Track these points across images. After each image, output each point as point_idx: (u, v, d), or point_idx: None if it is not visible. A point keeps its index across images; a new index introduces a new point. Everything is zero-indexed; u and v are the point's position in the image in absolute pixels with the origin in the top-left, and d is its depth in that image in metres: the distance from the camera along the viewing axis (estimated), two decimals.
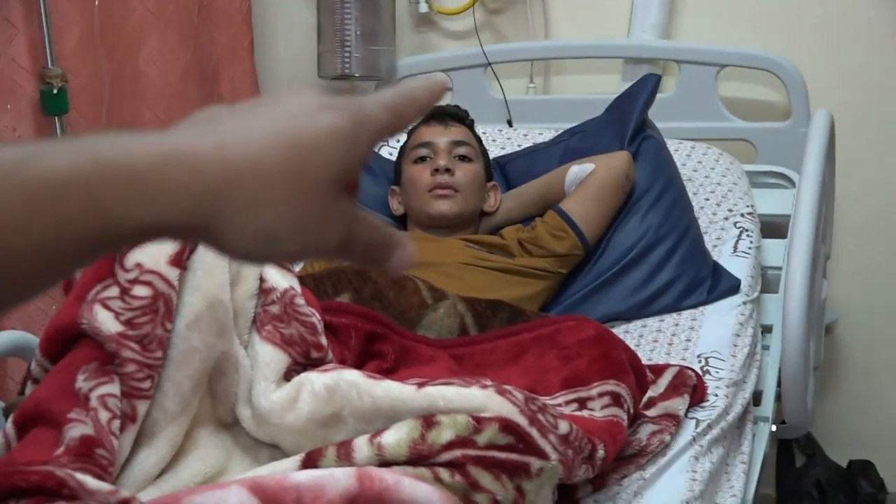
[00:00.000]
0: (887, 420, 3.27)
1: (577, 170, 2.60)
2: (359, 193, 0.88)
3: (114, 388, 1.64)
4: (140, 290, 1.67)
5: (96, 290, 1.68)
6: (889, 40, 3.05)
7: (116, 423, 1.62)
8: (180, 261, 1.71)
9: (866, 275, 3.22)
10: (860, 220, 3.17)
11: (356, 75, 3.25)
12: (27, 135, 2.57)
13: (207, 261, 1.74)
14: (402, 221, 2.71)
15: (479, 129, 2.81)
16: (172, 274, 1.69)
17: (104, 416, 1.61)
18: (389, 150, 2.98)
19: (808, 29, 3.10)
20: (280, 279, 1.85)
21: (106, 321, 1.65)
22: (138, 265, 1.68)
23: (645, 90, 2.76)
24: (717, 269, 2.56)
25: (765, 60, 3.00)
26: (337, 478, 1.44)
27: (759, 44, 3.07)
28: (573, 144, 2.80)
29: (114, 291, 1.68)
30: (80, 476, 1.42)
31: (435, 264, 2.38)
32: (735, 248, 2.64)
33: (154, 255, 1.69)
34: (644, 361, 2.12)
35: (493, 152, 2.93)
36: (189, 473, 1.69)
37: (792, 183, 2.91)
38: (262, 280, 1.83)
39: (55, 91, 2.58)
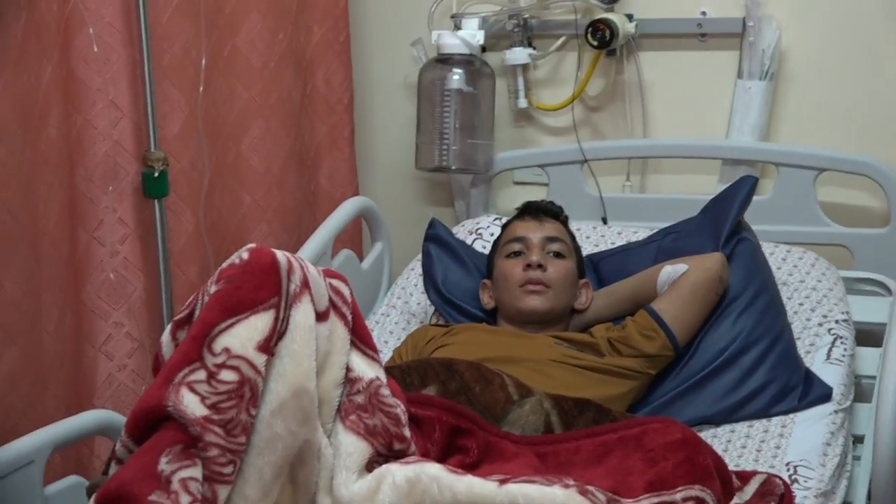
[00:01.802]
0: None
1: (670, 270, 2.59)
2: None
3: (196, 471, 1.65)
4: (227, 375, 1.69)
5: (184, 372, 1.70)
6: None
7: None
8: (268, 347, 1.72)
9: None
10: None
11: (453, 168, 3.28)
12: (127, 215, 2.62)
13: (295, 348, 1.75)
14: (492, 315, 2.71)
15: (573, 226, 2.81)
16: (259, 360, 1.70)
17: (185, 499, 1.62)
18: (483, 244, 2.99)
19: None
20: (366, 369, 1.86)
21: (191, 404, 1.67)
22: (226, 349, 1.70)
23: (742, 192, 2.75)
24: (810, 376, 2.52)
25: (864, 165, 2.98)
26: None
27: (858, 148, 3.05)
28: (667, 244, 2.79)
29: (201, 375, 1.69)
30: None
31: (524, 360, 2.38)
32: (828, 354, 2.60)
33: (242, 340, 1.71)
34: (731, 467, 2.08)
35: (587, 249, 2.93)
36: None
37: (889, 291, 2.88)
38: (348, 369, 1.84)
39: (156, 174, 2.63)
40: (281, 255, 1.79)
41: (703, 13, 3.18)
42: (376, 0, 3.50)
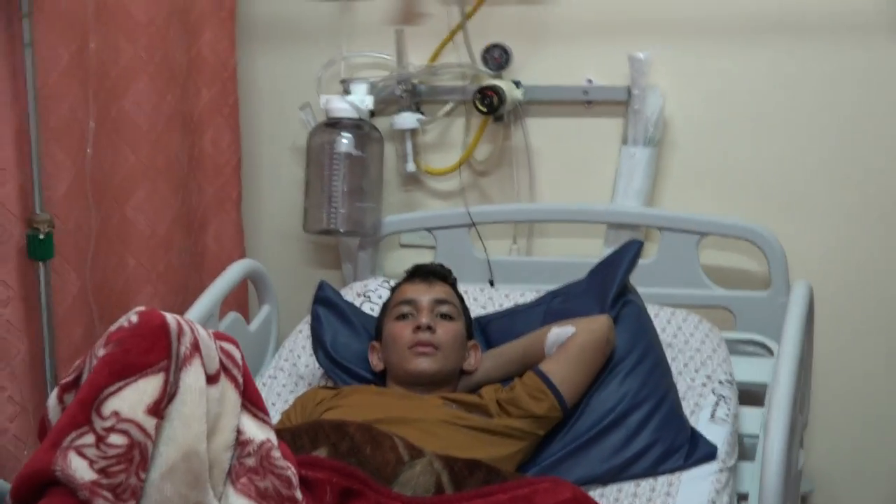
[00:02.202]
0: None
1: (557, 332, 2.61)
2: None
3: None
4: (116, 439, 1.66)
5: (71, 437, 1.67)
6: (866, 213, 3.09)
7: None
8: (158, 410, 1.70)
9: (842, 446, 3.22)
10: (837, 391, 3.18)
11: (341, 231, 3.28)
12: (10, 277, 2.58)
13: (185, 411, 1.73)
14: (381, 377, 2.71)
15: (461, 288, 2.83)
16: (149, 423, 1.69)
17: None
18: (371, 306, 3.00)
19: (790, 199, 3.14)
20: (257, 431, 1.85)
21: (80, 468, 1.64)
22: (115, 413, 1.68)
23: (627, 256, 2.79)
24: (695, 436, 2.55)
25: (746, 230, 3.04)
26: None
27: (740, 214, 3.11)
28: (555, 307, 2.81)
29: (89, 439, 1.67)
30: None
31: (413, 421, 2.38)
32: (713, 414, 2.64)
33: (132, 403, 1.69)
34: None
35: (475, 311, 2.94)
36: None
37: (770, 351, 2.93)
38: (239, 432, 1.83)
39: (41, 237, 2.60)
40: (171, 318, 1.78)
41: (589, 81, 3.24)
42: (265, 64, 3.51)
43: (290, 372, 2.94)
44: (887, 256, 3.11)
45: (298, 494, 1.83)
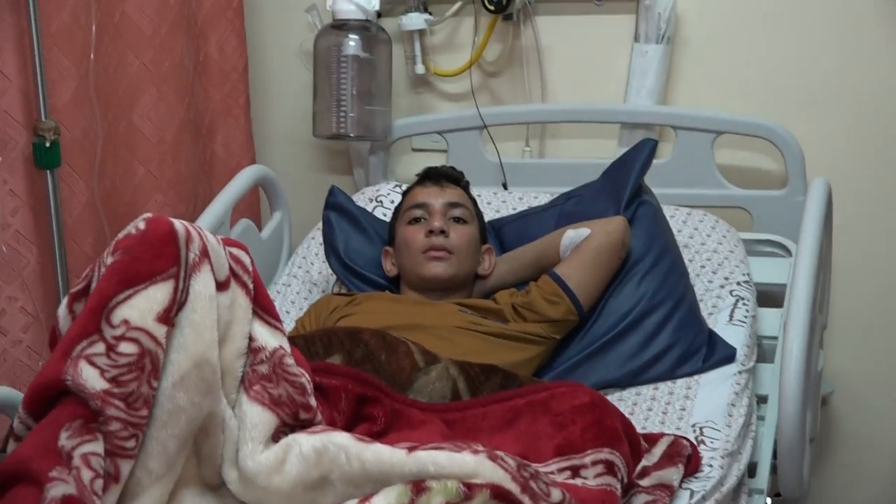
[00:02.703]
0: (883, 493, 3.23)
1: (572, 234, 2.58)
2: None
3: (97, 446, 1.61)
4: (126, 347, 1.64)
5: (82, 346, 1.65)
6: (887, 107, 3.04)
7: (99, 483, 1.60)
8: (168, 318, 1.67)
9: (862, 346, 3.19)
10: (857, 291, 3.15)
11: (351, 135, 3.24)
12: (18, 187, 2.56)
13: (195, 319, 1.71)
14: (395, 282, 2.69)
15: (474, 192, 2.80)
16: (159, 331, 1.66)
17: (87, 475, 1.58)
18: (384, 211, 2.96)
19: (805, 96, 3.09)
20: (270, 338, 1.82)
21: (91, 378, 1.62)
22: (125, 321, 1.65)
23: (641, 155, 2.75)
24: (713, 338, 2.53)
25: (761, 128, 2.99)
26: None
27: (756, 111, 3.06)
28: (569, 209, 2.78)
29: (100, 348, 1.65)
30: None
31: (428, 327, 2.36)
32: (731, 316, 2.62)
33: (141, 311, 1.66)
34: (638, 430, 2.08)
35: (489, 215, 2.91)
36: None
37: (788, 252, 2.90)
38: (251, 339, 1.81)
39: (48, 144, 2.57)
40: (179, 224, 1.75)
41: None
42: None
43: (304, 279, 2.92)
44: None
45: (313, 401, 1.80)
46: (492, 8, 3.09)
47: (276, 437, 1.76)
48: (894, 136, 3.06)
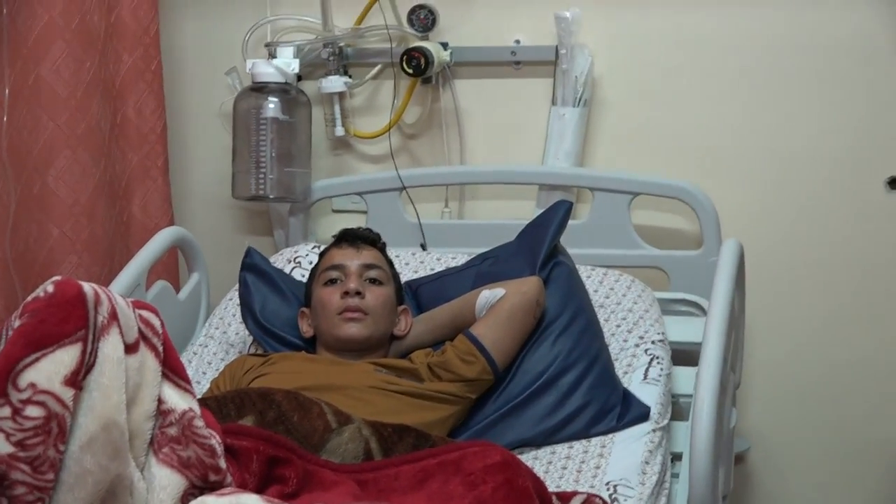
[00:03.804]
0: None
1: (487, 294, 2.60)
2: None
3: None
4: (33, 411, 1.62)
5: None
6: (800, 169, 3.09)
7: None
8: (76, 381, 1.66)
9: (779, 404, 3.23)
10: (772, 350, 3.19)
11: (271, 196, 3.24)
12: None
13: (104, 381, 1.69)
14: (311, 343, 2.69)
15: (392, 253, 2.81)
16: (67, 394, 1.64)
17: None
18: (302, 272, 2.96)
19: (719, 158, 3.14)
20: (179, 400, 1.81)
21: None
22: (32, 385, 1.63)
23: (556, 217, 2.77)
24: (628, 396, 2.55)
25: (677, 189, 3.04)
26: None
27: (672, 173, 3.10)
28: (485, 269, 2.80)
29: (6, 412, 1.62)
30: None
31: (343, 387, 2.36)
32: (646, 375, 2.64)
33: (49, 374, 1.64)
34: (552, 488, 2.09)
35: (406, 276, 2.92)
36: None
37: (703, 311, 2.93)
38: (160, 401, 1.79)
39: None
40: (87, 287, 1.74)
41: (517, 41, 3.21)
42: (189, 28, 3.45)
43: (221, 340, 2.91)
44: (818, 214, 3.12)
45: (222, 463, 1.79)
46: (410, 71, 3.12)
47: (184, 499, 1.75)
48: (807, 197, 3.12)
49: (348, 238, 2.71)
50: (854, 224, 3.11)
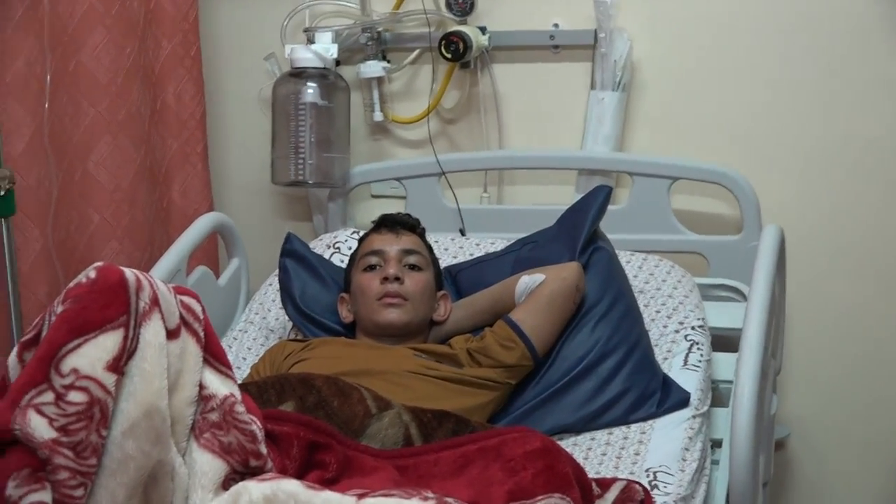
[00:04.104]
0: None
1: (527, 280, 2.59)
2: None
3: (45, 495, 1.60)
4: (75, 396, 1.63)
5: (31, 395, 1.64)
6: (840, 153, 3.07)
7: None
8: (118, 367, 1.67)
9: (818, 390, 3.21)
10: (812, 336, 3.17)
11: (310, 182, 3.25)
12: None
13: (146, 367, 1.70)
14: (351, 329, 2.69)
15: (431, 238, 2.81)
16: (109, 380, 1.65)
17: None
18: (341, 257, 2.97)
19: (760, 142, 3.12)
20: (220, 386, 1.82)
21: (39, 427, 1.61)
22: (74, 370, 1.65)
23: (596, 202, 2.77)
24: (667, 383, 2.54)
25: (717, 174, 3.02)
26: None
27: (712, 157, 3.09)
28: (524, 254, 2.79)
29: (48, 397, 1.64)
30: None
31: (382, 373, 2.36)
32: (685, 361, 2.63)
33: (91, 360, 1.66)
34: (591, 475, 2.09)
35: (445, 261, 2.92)
36: None
37: (743, 296, 2.92)
38: (201, 387, 1.80)
39: (2, 193, 2.56)
40: (129, 273, 1.75)
41: (556, 25, 3.20)
42: (227, 14, 3.46)
43: (261, 325, 2.92)
44: (858, 199, 3.10)
45: (263, 448, 1.80)
46: (449, 56, 3.11)
47: (226, 484, 1.76)
48: (847, 181, 3.09)
49: (388, 223, 2.71)
50: (895, 208, 3.08)
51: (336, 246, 3.07)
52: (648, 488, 2.15)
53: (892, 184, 3.07)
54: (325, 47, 3.20)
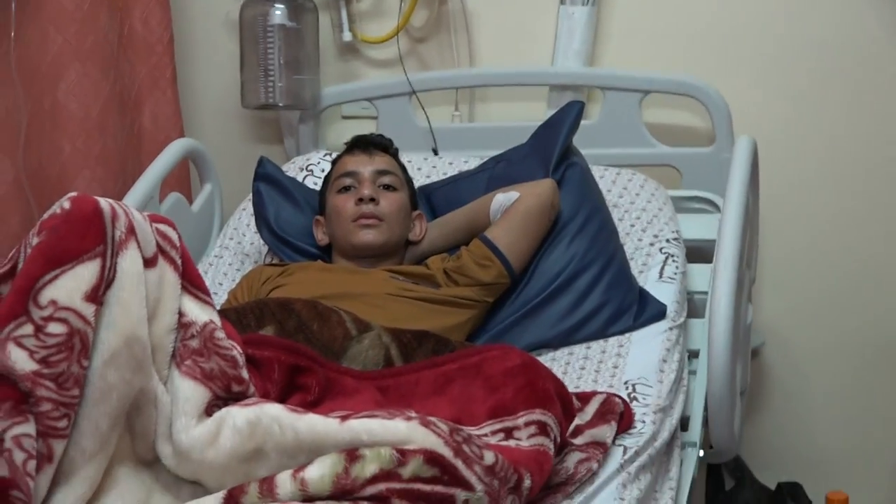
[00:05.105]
0: (814, 442, 3.28)
1: (501, 198, 2.60)
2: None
3: (29, 427, 1.60)
4: (55, 328, 1.63)
5: (9, 328, 1.63)
6: (812, 65, 3.07)
7: (32, 464, 1.59)
8: (96, 297, 1.67)
9: (792, 299, 3.23)
10: (786, 245, 3.18)
11: (280, 104, 3.23)
12: None
13: (124, 296, 1.70)
14: (327, 251, 2.69)
15: (404, 158, 2.80)
16: (88, 310, 1.65)
17: (19, 456, 1.57)
18: (314, 180, 2.96)
19: (731, 54, 3.12)
20: (199, 313, 1.82)
21: (20, 360, 1.61)
22: (52, 302, 1.64)
23: (569, 117, 2.76)
24: (644, 295, 2.56)
25: (688, 86, 3.01)
26: None
27: (683, 69, 3.08)
28: (498, 172, 2.79)
29: (28, 329, 1.63)
30: None
31: (360, 295, 2.37)
32: (661, 273, 2.65)
33: (69, 291, 1.65)
34: (571, 389, 2.11)
35: (419, 181, 2.92)
36: None
37: (717, 208, 2.92)
38: (181, 314, 1.80)
39: None
40: (104, 202, 1.74)
41: None
42: None
43: (236, 251, 2.92)
44: (831, 108, 3.10)
45: (245, 374, 1.81)
46: None
47: (209, 410, 1.76)
48: (819, 91, 3.10)
49: (360, 144, 2.71)
50: (870, 119, 3.09)
51: (309, 168, 3.06)
52: (628, 400, 2.18)
53: (866, 92, 3.07)
54: None
